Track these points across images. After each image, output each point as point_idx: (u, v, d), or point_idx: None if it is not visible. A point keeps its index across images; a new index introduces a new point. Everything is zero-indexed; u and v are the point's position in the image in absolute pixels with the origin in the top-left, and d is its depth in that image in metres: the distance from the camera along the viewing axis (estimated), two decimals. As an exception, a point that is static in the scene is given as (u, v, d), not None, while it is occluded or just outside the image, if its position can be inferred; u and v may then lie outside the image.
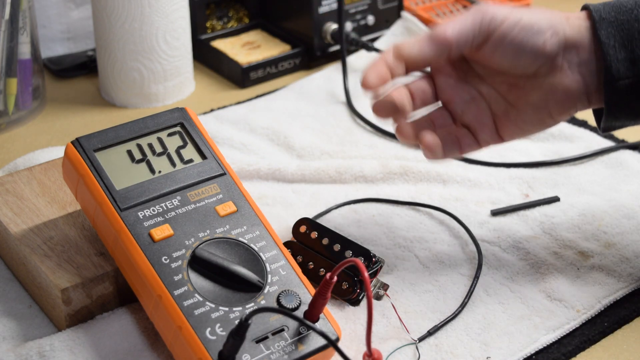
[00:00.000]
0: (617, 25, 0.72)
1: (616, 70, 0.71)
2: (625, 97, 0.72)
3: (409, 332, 0.73)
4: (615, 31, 0.72)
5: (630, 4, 0.73)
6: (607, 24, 0.72)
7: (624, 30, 0.71)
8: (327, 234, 0.78)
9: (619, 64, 0.71)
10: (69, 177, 0.74)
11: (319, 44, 1.16)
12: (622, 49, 0.71)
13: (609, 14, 0.72)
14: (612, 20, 0.72)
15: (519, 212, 0.88)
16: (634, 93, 0.72)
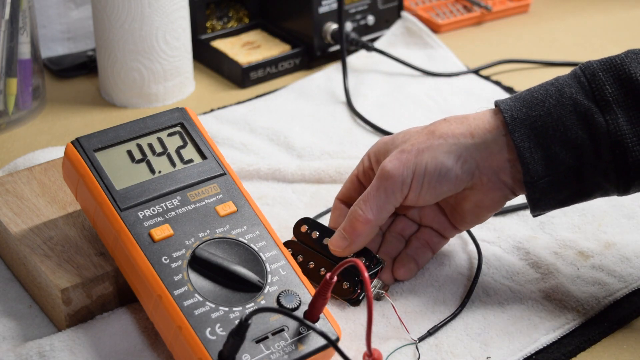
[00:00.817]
0: (529, 123, 0.71)
1: (534, 172, 0.71)
2: (546, 193, 0.72)
3: (409, 332, 0.73)
4: (529, 130, 0.71)
5: (541, 95, 0.72)
6: (519, 124, 0.71)
7: (537, 127, 0.71)
8: (328, 234, 0.78)
9: (536, 164, 0.71)
10: (69, 177, 0.74)
11: (319, 44, 1.16)
12: (537, 149, 0.71)
13: (520, 111, 0.72)
14: (524, 118, 0.71)
15: (519, 212, 0.88)
16: (554, 188, 0.72)
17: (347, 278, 0.75)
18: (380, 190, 0.73)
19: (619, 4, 1.37)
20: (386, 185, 0.73)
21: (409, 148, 0.73)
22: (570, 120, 0.70)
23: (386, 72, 1.15)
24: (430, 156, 0.72)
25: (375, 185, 0.73)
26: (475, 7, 1.31)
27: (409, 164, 0.73)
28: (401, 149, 0.74)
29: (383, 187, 0.73)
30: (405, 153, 0.73)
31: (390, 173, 0.73)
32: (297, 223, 0.79)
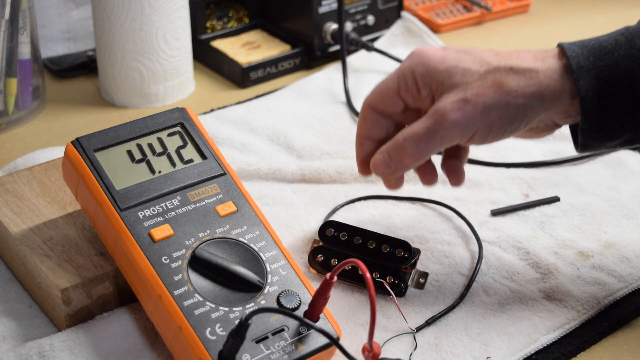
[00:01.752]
0: (595, 73, 0.70)
1: (594, 121, 0.71)
2: (600, 140, 0.72)
3: (407, 322, 0.73)
4: (594, 80, 0.70)
5: (610, 45, 0.71)
6: (585, 73, 0.70)
7: (602, 78, 0.70)
8: (357, 233, 0.78)
9: (597, 114, 0.70)
10: (69, 177, 0.74)
11: (319, 44, 1.16)
12: (600, 99, 0.70)
13: (587, 59, 0.70)
14: (590, 67, 0.70)
15: (519, 212, 0.88)
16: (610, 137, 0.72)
17: (389, 273, 0.76)
18: (436, 136, 0.71)
19: (619, 4, 1.37)
20: (444, 134, 0.71)
21: (473, 99, 0.70)
22: (638, 74, 0.69)
23: (386, 72, 1.14)
24: (497, 116, 0.70)
25: (431, 129, 0.71)
26: (475, 7, 1.31)
27: (473, 120, 0.70)
28: (464, 98, 0.70)
29: (440, 135, 0.71)
30: (470, 105, 0.70)
31: (452, 124, 0.70)
32: (321, 227, 0.79)
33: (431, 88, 0.73)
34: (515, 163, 0.95)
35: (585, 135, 0.72)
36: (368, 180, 0.92)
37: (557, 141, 0.99)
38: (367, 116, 0.77)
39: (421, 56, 0.73)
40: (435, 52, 0.73)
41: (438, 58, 0.73)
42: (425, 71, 0.73)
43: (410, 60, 0.74)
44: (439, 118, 0.71)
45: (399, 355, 0.71)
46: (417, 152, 0.72)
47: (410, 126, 0.73)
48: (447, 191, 0.90)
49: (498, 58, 0.72)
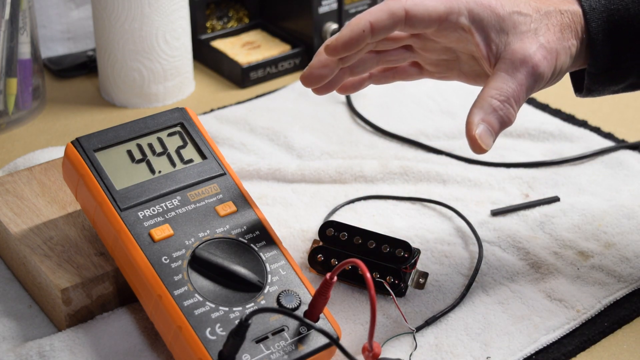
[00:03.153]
0: (606, 15, 0.70)
1: (601, 64, 0.71)
2: (604, 83, 0.72)
3: (407, 321, 0.73)
4: (605, 23, 0.70)
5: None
6: (597, 16, 0.70)
7: (613, 21, 0.70)
8: (357, 233, 0.78)
9: (604, 57, 0.71)
10: (69, 177, 0.74)
11: (319, 44, 1.16)
12: (609, 42, 0.70)
13: (599, 2, 0.71)
14: (602, 10, 0.71)
15: (519, 212, 0.88)
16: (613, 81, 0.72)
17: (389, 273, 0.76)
18: (529, 90, 0.69)
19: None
20: (534, 86, 0.69)
21: (547, 45, 0.69)
22: None
23: (386, 72, 1.15)
24: (562, 61, 0.70)
25: (523, 84, 0.68)
26: (475, 7, 1.31)
27: (552, 66, 0.69)
28: (541, 45, 0.69)
29: (531, 87, 0.69)
30: (548, 52, 0.69)
31: (541, 76, 0.69)
32: (321, 227, 0.79)
33: (488, 35, 0.69)
34: (515, 163, 0.95)
35: (591, 78, 0.72)
36: (368, 180, 0.92)
37: (557, 141, 0.99)
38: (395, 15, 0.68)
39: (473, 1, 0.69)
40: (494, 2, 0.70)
41: (496, 1, 0.69)
42: (486, 15, 0.69)
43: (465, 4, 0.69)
44: (531, 69, 0.68)
45: (399, 355, 0.71)
46: (517, 112, 0.70)
47: (495, 87, 0.69)
48: (447, 191, 0.90)
49: (543, 3, 0.71)
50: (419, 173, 0.92)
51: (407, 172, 0.92)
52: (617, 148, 0.97)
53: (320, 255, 0.78)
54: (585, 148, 0.97)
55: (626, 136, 1.00)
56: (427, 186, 0.91)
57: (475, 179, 0.92)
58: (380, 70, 0.79)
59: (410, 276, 0.77)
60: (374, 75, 0.79)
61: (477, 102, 0.69)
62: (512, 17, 0.69)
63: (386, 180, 0.92)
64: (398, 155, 0.97)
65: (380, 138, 1.01)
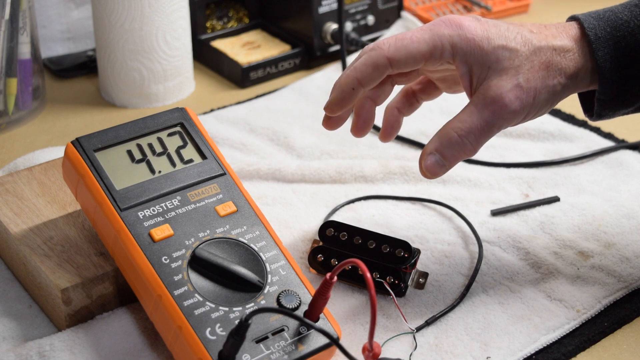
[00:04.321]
0: (613, 44, 0.70)
1: (610, 91, 0.71)
2: (613, 109, 0.73)
3: (407, 322, 0.73)
4: (612, 51, 0.70)
5: (626, 16, 0.71)
6: (603, 44, 0.70)
7: (620, 48, 0.70)
8: (357, 233, 0.78)
9: (613, 85, 0.71)
10: (69, 177, 0.74)
11: (319, 44, 1.16)
12: (617, 70, 0.71)
13: (604, 30, 0.71)
14: (608, 38, 0.71)
15: (519, 212, 0.88)
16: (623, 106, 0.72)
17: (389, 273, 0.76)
18: (494, 127, 0.69)
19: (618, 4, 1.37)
20: (502, 124, 0.69)
21: (525, 84, 0.69)
22: None
23: (386, 72, 1.15)
24: (545, 99, 0.69)
25: (490, 121, 0.69)
26: (475, 7, 1.31)
27: (528, 107, 0.69)
28: (518, 84, 0.68)
29: (498, 125, 0.69)
30: (525, 92, 0.68)
31: (511, 114, 0.68)
32: (321, 227, 0.79)
33: (471, 68, 0.70)
34: (515, 163, 0.95)
35: (601, 104, 0.72)
36: (368, 180, 0.92)
37: (557, 141, 0.99)
38: (379, 66, 0.70)
39: (462, 28, 0.70)
40: (475, 27, 0.70)
41: (481, 35, 0.69)
42: (469, 49, 0.69)
43: (450, 30, 0.69)
44: (499, 109, 0.68)
45: (399, 355, 0.71)
46: (476, 147, 0.70)
47: (460, 119, 0.69)
48: (447, 191, 0.90)
49: (537, 37, 0.70)
50: (419, 173, 0.92)
51: (407, 172, 0.92)
52: (617, 148, 0.97)
53: (320, 255, 0.78)
54: (585, 148, 0.97)
55: (626, 136, 1.00)
56: (427, 186, 0.91)
57: (475, 179, 0.92)
58: (404, 100, 0.80)
59: (410, 276, 0.77)
60: (401, 109, 0.80)
61: (439, 130, 0.70)
62: (496, 51, 0.69)
63: (386, 180, 0.92)
64: (398, 155, 0.97)
65: (380, 138, 1.01)
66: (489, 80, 0.69)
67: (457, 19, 0.70)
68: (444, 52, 0.69)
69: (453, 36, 0.69)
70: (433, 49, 0.69)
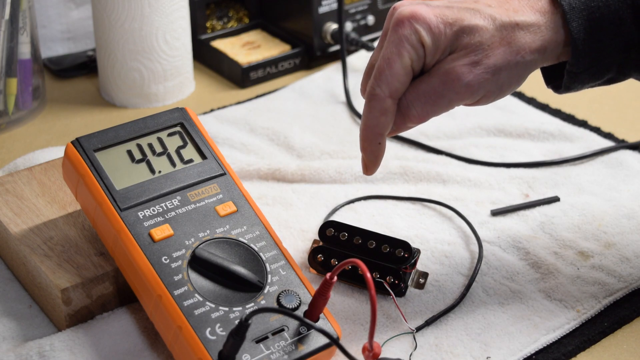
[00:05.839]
0: (587, 14, 0.68)
1: (582, 64, 0.70)
2: (583, 81, 0.71)
3: (407, 322, 0.73)
4: (586, 21, 0.69)
5: None
6: (577, 14, 0.68)
7: (594, 19, 0.69)
8: (357, 233, 0.78)
9: (585, 57, 0.69)
10: (69, 177, 0.74)
11: (319, 44, 1.16)
12: (590, 41, 0.69)
13: (578, 0, 0.69)
14: (582, 8, 0.69)
15: (519, 212, 0.88)
16: (592, 78, 0.71)
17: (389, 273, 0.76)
18: (445, 98, 0.68)
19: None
20: (453, 97, 0.68)
21: (484, 60, 0.67)
22: (627, 14, 0.69)
23: (386, 72, 1.15)
24: (507, 76, 0.68)
25: (439, 91, 0.68)
26: (475, 7, 1.31)
27: (485, 83, 0.68)
28: (475, 60, 0.67)
29: (449, 97, 0.68)
30: (482, 68, 0.67)
31: (464, 87, 0.67)
32: (321, 227, 0.79)
33: (438, 50, 0.69)
34: (515, 163, 0.95)
35: (572, 77, 0.71)
36: (368, 180, 0.92)
37: (557, 141, 0.99)
38: (389, 109, 0.69)
39: (419, 20, 0.68)
40: (428, 13, 0.68)
41: (439, 20, 0.68)
42: (434, 39, 0.68)
43: (410, 28, 0.68)
44: (451, 81, 0.67)
45: (399, 355, 0.71)
46: (422, 114, 0.69)
47: (414, 85, 0.69)
48: (447, 191, 0.90)
49: (500, 12, 0.69)
50: (419, 173, 0.92)
51: (407, 172, 0.92)
52: (617, 148, 0.97)
53: (320, 255, 0.78)
54: (585, 148, 0.97)
55: (626, 136, 1.00)
56: (427, 186, 0.91)
57: (475, 179, 0.92)
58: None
59: (410, 276, 0.77)
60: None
61: None
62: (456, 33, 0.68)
63: (386, 180, 0.92)
64: (398, 155, 0.97)
65: (380, 138, 1.01)
66: (448, 54, 0.69)
67: (412, 11, 0.68)
68: (418, 51, 0.68)
69: (417, 33, 0.68)
70: (409, 55, 0.68)
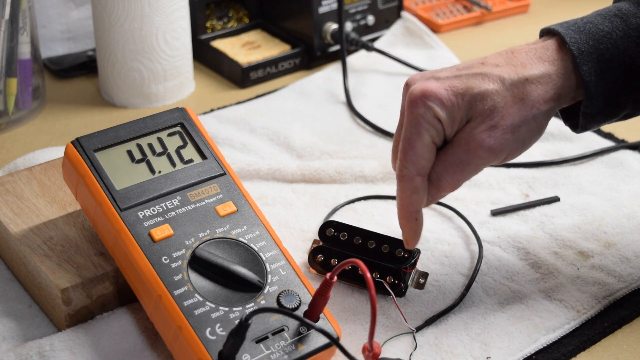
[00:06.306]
0: (597, 57, 0.70)
1: (596, 105, 0.71)
2: (599, 122, 0.72)
3: (407, 321, 0.73)
4: (596, 64, 0.70)
5: (607, 27, 0.71)
6: (587, 58, 0.70)
7: (603, 61, 0.70)
8: (357, 233, 0.78)
9: (599, 98, 0.70)
10: (69, 177, 0.74)
11: (319, 44, 1.16)
12: (602, 82, 0.70)
13: (587, 44, 0.70)
14: (591, 51, 0.70)
15: (519, 212, 0.88)
16: (608, 117, 0.72)
17: (389, 273, 0.76)
18: (471, 165, 0.69)
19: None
20: (479, 162, 0.69)
21: (501, 122, 0.68)
22: (636, 53, 0.70)
23: (386, 72, 1.15)
24: (526, 131, 0.69)
25: (465, 160, 0.69)
26: (475, 7, 1.31)
27: (506, 143, 0.69)
28: (492, 124, 0.68)
29: (475, 163, 0.69)
30: (500, 130, 0.68)
31: (486, 152, 0.68)
32: (321, 227, 0.79)
33: (456, 122, 0.70)
34: (515, 163, 0.95)
35: (587, 118, 0.72)
36: (368, 180, 0.92)
37: (557, 141, 0.99)
38: (419, 187, 0.70)
39: (430, 97, 0.69)
40: (438, 87, 0.69)
41: (450, 93, 0.69)
42: (448, 113, 0.69)
43: (424, 107, 0.69)
44: (473, 149, 0.69)
45: (399, 355, 0.71)
46: (453, 183, 0.70)
47: (440, 157, 0.70)
48: (447, 191, 0.90)
49: (508, 70, 0.70)
50: (419, 173, 0.92)
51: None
52: (617, 148, 0.97)
53: (320, 255, 0.78)
54: (585, 148, 0.97)
55: (626, 136, 1.00)
56: (427, 186, 0.91)
57: (475, 179, 0.92)
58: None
59: (410, 276, 0.77)
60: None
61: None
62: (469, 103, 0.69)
63: (386, 180, 0.92)
64: (398, 155, 0.97)
65: (380, 138, 1.01)
66: (466, 123, 0.70)
67: (424, 90, 0.69)
68: (436, 128, 0.69)
69: (433, 110, 0.69)
70: (429, 132, 0.69)
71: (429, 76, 0.71)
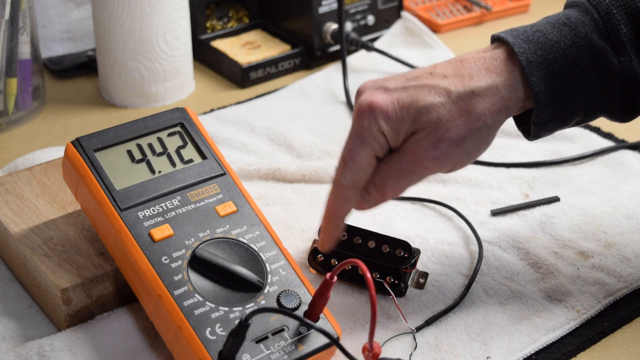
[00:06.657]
0: (545, 67, 0.69)
1: (546, 114, 0.71)
2: (550, 129, 0.73)
3: (407, 322, 0.73)
4: (545, 74, 0.70)
5: (555, 37, 0.70)
6: (536, 68, 0.69)
7: (553, 71, 0.70)
8: (357, 233, 0.78)
9: (549, 107, 0.70)
10: (69, 177, 0.74)
11: (319, 44, 1.16)
12: (552, 92, 0.70)
13: (535, 54, 0.70)
14: (540, 61, 0.70)
15: (519, 212, 0.88)
16: (559, 125, 0.73)
17: (389, 273, 0.76)
18: (415, 175, 0.70)
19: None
20: (423, 172, 0.70)
21: (447, 135, 0.68)
22: (585, 62, 0.70)
23: (386, 72, 1.15)
24: (472, 143, 0.70)
25: (410, 169, 0.69)
26: (475, 7, 1.31)
27: (451, 154, 0.69)
28: (439, 137, 0.68)
29: (419, 173, 0.70)
30: (445, 142, 0.69)
31: (431, 163, 0.69)
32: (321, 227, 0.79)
33: (401, 135, 0.70)
34: (515, 163, 0.95)
35: (538, 126, 0.72)
36: (368, 180, 0.92)
37: (557, 141, 0.99)
38: (351, 197, 0.71)
39: (376, 111, 0.69)
40: (385, 100, 0.69)
41: (396, 106, 0.69)
42: (393, 126, 0.69)
43: (369, 120, 0.69)
44: (418, 159, 0.69)
45: (399, 355, 0.71)
46: (397, 189, 0.71)
47: (386, 163, 0.70)
48: (447, 191, 0.90)
49: (455, 82, 0.69)
50: (419, 173, 0.92)
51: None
52: (617, 148, 0.97)
53: (320, 255, 0.78)
54: (585, 148, 0.97)
55: (626, 136, 1.00)
56: (426, 186, 0.91)
57: (475, 179, 0.92)
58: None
59: (410, 276, 0.77)
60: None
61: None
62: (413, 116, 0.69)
63: (386, 180, 0.92)
64: (398, 155, 0.97)
65: (380, 138, 1.01)
66: (411, 134, 0.70)
67: (369, 102, 0.69)
68: (380, 141, 0.70)
69: (377, 123, 0.69)
70: (372, 145, 0.70)
71: (379, 85, 0.71)
